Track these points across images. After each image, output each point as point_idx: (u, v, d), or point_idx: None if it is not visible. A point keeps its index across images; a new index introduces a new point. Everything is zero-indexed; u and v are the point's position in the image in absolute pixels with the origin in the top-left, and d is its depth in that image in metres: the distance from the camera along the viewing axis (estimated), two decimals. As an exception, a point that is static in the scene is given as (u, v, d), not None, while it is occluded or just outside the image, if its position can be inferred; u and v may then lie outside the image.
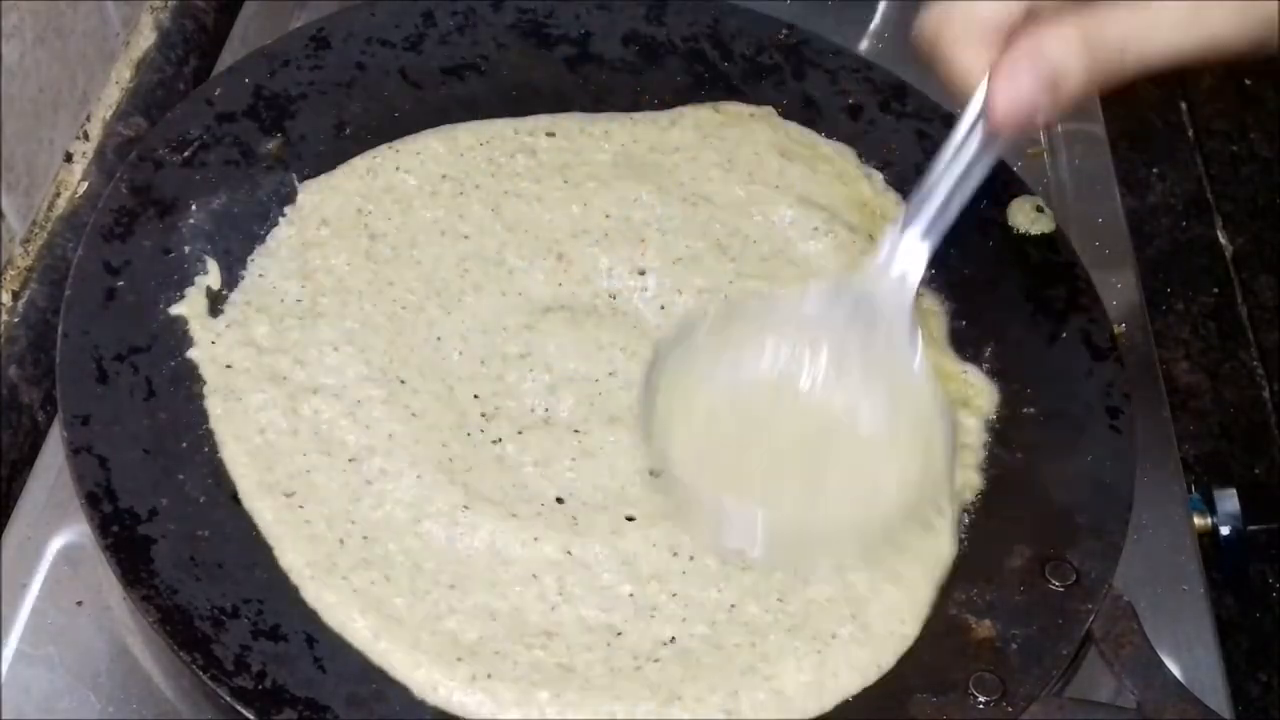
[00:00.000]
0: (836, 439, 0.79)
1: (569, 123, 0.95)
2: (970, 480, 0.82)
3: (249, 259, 0.86)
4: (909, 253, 0.77)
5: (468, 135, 0.93)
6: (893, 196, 0.95)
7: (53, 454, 0.83)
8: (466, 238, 0.88)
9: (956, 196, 0.75)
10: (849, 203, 0.93)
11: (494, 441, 0.80)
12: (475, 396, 0.82)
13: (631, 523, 0.78)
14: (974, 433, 0.84)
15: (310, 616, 0.73)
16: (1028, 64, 0.64)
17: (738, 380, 0.80)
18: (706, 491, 0.77)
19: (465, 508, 0.77)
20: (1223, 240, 1.35)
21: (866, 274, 0.78)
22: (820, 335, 0.79)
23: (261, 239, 0.87)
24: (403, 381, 0.81)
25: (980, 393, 0.86)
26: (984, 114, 0.69)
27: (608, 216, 0.90)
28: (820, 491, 0.78)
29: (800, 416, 0.79)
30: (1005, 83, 0.65)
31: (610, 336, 0.85)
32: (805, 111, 0.99)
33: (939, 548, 0.79)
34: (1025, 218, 0.93)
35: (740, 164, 0.94)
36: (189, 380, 0.80)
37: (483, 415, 0.81)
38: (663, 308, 0.87)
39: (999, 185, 0.95)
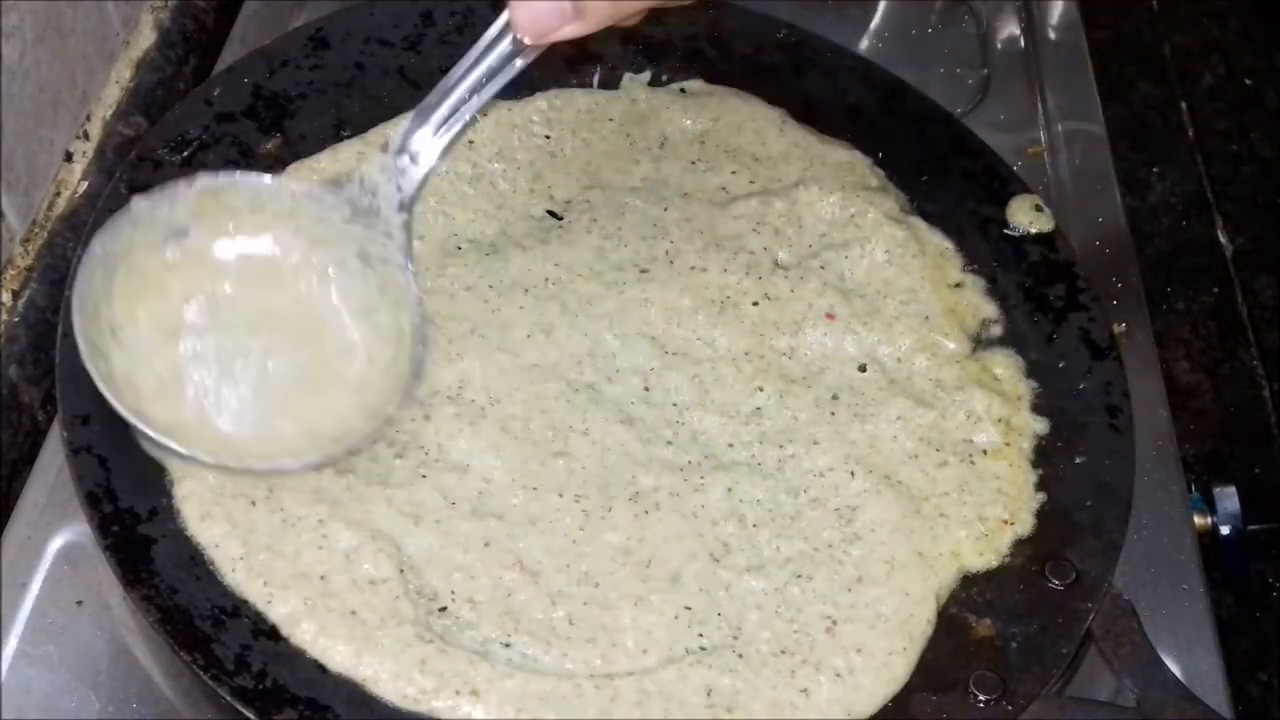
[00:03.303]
0: (313, 330, 0.78)
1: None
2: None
3: (248, 259, 0.86)
4: (419, 146, 0.77)
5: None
6: (893, 193, 0.95)
7: (53, 454, 0.83)
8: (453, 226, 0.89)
9: (474, 99, 0.76)
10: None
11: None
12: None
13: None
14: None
15: (310, 616, 0.73)
16: None
17: (218, 265, 0.78)
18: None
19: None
20: (1223, 240, 1.35)
21: (372, 166, 0.78)
22: (316, 228, 0.78)
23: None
24: None
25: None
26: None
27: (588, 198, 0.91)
28: (279, 372, 0.77)
29: (282, 307, 0.78)
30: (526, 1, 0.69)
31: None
32: (805, 111, 0.98)
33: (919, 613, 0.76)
34: (1025, 217, 0.93)
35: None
36: (189, 380, 0.80)
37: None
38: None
39: (998, 184, 0.95)
